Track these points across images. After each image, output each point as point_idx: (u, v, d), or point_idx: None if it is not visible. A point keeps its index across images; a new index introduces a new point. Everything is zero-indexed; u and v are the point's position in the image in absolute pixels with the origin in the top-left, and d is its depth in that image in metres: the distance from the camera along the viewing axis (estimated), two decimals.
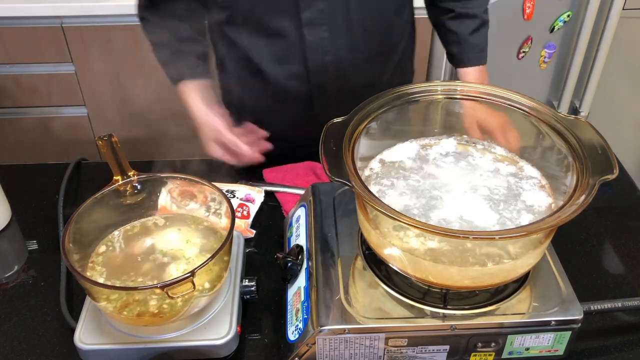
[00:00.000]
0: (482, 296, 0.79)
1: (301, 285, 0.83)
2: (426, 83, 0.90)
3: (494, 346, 0.79)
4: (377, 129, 0.86)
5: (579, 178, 0.74)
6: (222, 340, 0.81)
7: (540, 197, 0.82)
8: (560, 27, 1.93)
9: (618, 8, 1.85)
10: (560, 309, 0.77)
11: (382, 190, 0.83)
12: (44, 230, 1.07)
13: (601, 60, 1.96)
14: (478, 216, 0.78)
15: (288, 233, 0.98)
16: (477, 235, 0.71)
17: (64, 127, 2.05)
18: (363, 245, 0.85)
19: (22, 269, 0.99)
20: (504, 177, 0.86)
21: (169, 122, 2.07)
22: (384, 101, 0.86)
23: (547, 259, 0.85)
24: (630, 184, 1.17)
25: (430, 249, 0.75)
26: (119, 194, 0.92)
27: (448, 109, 0.93)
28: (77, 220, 0.85)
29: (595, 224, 1.08)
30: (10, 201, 1.09)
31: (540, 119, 0.84)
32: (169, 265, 0.86)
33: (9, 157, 2.09)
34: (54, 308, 0.91)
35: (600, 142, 0.77)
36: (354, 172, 0.73)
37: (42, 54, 1.88)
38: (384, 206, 0.69)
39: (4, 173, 1.17)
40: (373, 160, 0.89)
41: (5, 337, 0.87)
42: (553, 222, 0.67)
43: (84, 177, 1.18)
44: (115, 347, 0.80)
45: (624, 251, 1.02)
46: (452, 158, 0.90)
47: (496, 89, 0.88)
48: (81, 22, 1.83)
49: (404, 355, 0.79)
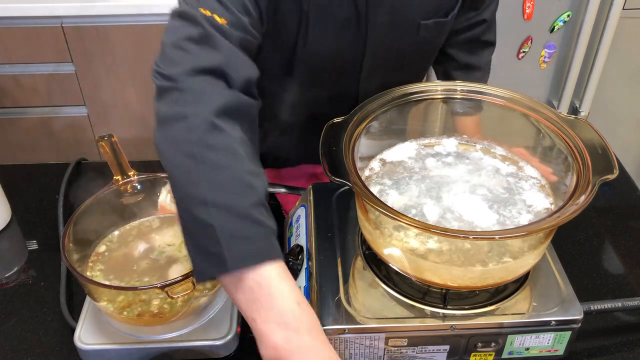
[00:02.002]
0: (482, 296, 0.79)
1: (301, 285, 0.83)
2: (426, 83, 0.90)
3: (494, 346, 0.79)
4: (377, 128, 0.86)
5: (579, 178, 0.74)
6: (222, 340, 0.81)
7: (540, 197, 0.82)
8: (560, 27, 1.93)
9: (618, 8, 1.85)
10: (560, 309, 0.77)
11: (383, 190, 0.83)
12: (44, 230, 1.07)
13: (601, 60, 1.96)
14: (478, 216, 0.78)
15: (288, 233, 0.98)
16: (477, 235, 0.71)
17: (64, 127, 2.05)
18: (363, 245, 0.85)
19: (22, 269, 0.99)
20: (504, 177, 0.86)
21: None
22: (384, 101, 0.86)
23: (547, 259, 0.85)
24: (630, 184, 1.17)
25: (430, 249, 0.75)
26: (119, 194, 0.92)
27: (448, 109, 0.93)
28: (77, 220, 0.85)
29: (595, 224, 1.08)
30: (10, 201, 1.09)
31: (540, 119, 0.84)
32: (169, 265, 0.86)
33: (9, 157, 2.09)
34: (54, 308, 0.91)
35: (600, 142, 0.77)
36: (354, 172, 0.73)
37: (42, 54, 1.88)
38: (384, 206, 0.69)
39: (4, 173, 1.17)
40: (373, 160, 0.89)
41: (5, 337, 0.87)
42: (553, 222, 0.67)
43: (84, 177, 1.18)
44: (115, 347, 0.80)
45: (624, 251, 1.02)
46: (452, 158, 0.90)
47: (496, 89, 0.88)
48: (81, 22, 1.83)
49: (404, 355, 0.79)
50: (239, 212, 0.66)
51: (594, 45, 1.95)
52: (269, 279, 0.66)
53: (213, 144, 0.68)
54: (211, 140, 0.68)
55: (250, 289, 0.66)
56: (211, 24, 0.74)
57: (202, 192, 0.66)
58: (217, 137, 0.68)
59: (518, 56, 1.98)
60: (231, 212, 0.66)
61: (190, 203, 0.66)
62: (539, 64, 2.01)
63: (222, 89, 0.72)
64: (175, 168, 0.68)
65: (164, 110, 0.71)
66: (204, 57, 0.73)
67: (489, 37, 1.15)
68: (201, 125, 0.68)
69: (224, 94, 0.72)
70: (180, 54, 0.73)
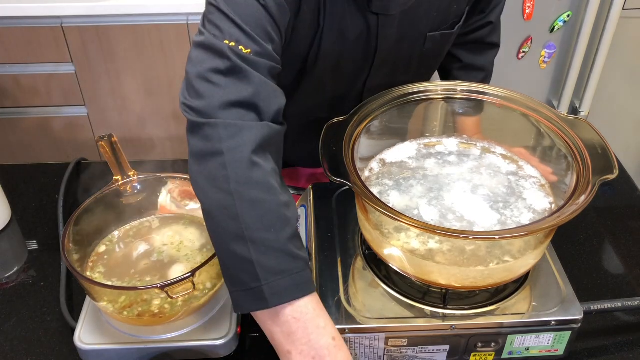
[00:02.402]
0: (482, 296, 0.79)
1: None
2: (426, 83, 0.90)
3: (494, 346, 0.79)
4: (377, 128, 0.86)
5: (579, 178, 0.74)
6: (222, 340, 0.81)
7: (540, 197, 0.82)
8: (560, 27, 1.93)
9: (618, 8, 1.85)
10: (560, 309, 0.77)
11: (383, 191, 0.83)
12: (44, 230, 1.07)
13: (601, 60, 1.96)
14: (478, 216, 0.78)
15: None
16: (477, 235, 0.71)
17: (64, 127, 2.05)
18: (363, 245, 0.85)
19: (22, 269, 0.99)
20: (505, 177, 0.86)
21: (169, 122, 2.08)
22: (384, 101, 0.86)
23: (547, 259, 0.85)
24: (630, 184, 1.17)
25: (430, 249, 0.75)
26: (119, 194, 0.92)
27: (448, 109, 0.93)
28: (77, 220, 0.85)
29: (595, 224, 1.08)
30: (10, 201, 1.09)
31: (540, 119, 0.84)
32: (169, 265, 0.86)
33: (9, 157, 2.09)
34: (54, 308, 0.91)
35: (600, 142, 0.77)
36: (354, 172, 0.73)
37: (42, 54, 1.88)
38: (384, 206, 0.69)
39: (4, 173, 1.17)
40: (373, 160, 0.89)
41: (5, 337, 0.87)
42: (553, 222, 0.67)
43: (84, 177, 1.18)
44: (115, 347, 0.80)
45: (624, 251, 1.02)
46: (452, 158, 0.90)
47: (496, 89, 0.88)
48: (81, 22, 1.83)
49: (404, 355, 0.79)
50: (276, 247, 0.68)
51: (594, 45, 1.95)
52: (306, 313, 0.68)
53: (250, 180, 0.69)
54: (248, 176, 0.69)
55: (287, 323, 0.68)
56: (237, 55, 0.73)
57: (240, 228, 0.67)
58: (254, 172, 0.70)
59: (518, 56, 1.98)
60: (269, 247, 0.68)
61: (228, 238, 0.68)
62: (539, 64, 2.01)
63: (255, 121, 0.72)
64: (212, 203, 0.70)
65: (199, 146, 0.71)
66: (234, 90, 0.72)
67: (494, 39, 1.15)
68: (238, 161, 0.69)
69: (257, 127, 0.72)
70: (208, 87, 0.72)
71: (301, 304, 0.68)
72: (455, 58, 1.16)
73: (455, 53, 1.16)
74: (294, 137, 1.11)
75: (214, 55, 0.73)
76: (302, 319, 0.68)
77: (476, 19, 1.10)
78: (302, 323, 0.67)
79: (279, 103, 0.76)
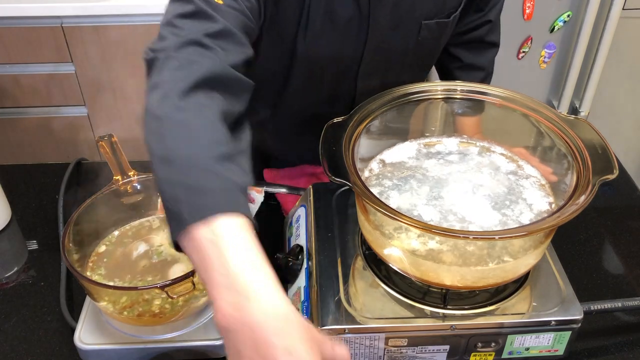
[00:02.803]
0: (482, 296, 0.79)
1: (301, 285, 0.83)
2: (426, 83, 0.90)
3: (494, 346, 0.79)
4: (377, 128, 0.86)
5: (579, 178, 0.74)
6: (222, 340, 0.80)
7: (540, 197, 0.82)
8: (560, 27, 1.93)
9: (618, 8, 1.85)
10: (560, 309, 0.77)
11: (383, 191, 0.83)
12: (44, 230, 1.07)
13: (601, 60, 1.96)
14: (479, 216, 0.78)
15: (288, 233, 0.98)
16: (477, 235, 0.71)
17: (64, 127, 2.05)
18: (363, 245, 0.85)
19: (22, 269, 0.99)
20: (505, 176, 0.86)
21: None
22: (384, 101, 0.86)
23: (547, 259, 0.85)
24: (630, 184, 1.17)
25: (431, 249, 0.75)
26: (119, 194, 0.92)
27: (448, 109, 0.93)
28: (77, 220, 0.85)
29: (595, 224, 1.08)
30: (10, 201, 1.09)
31: (540, 118, 0.84)
32: (169, 265, 0.86)
33: (9, 157, 2.09)
34: (54, 308, 0.91)
35: (600, 142, 0.77)
36: (354, 172, 0.73)
37: (42, 54, 1.88)
38: (384, 206, 0.68)
39: (4, 173, 1.17)
40: (373, 160, 0.89)
41: (5, 337, 0.87)
42: (553, 222, 0.67)
43: (84, 177, 1.18)
44: (115, 347, 0.80)
45: (624, 251, 1.02)
46: (452, 158, 0.90)
47: (496, 89, 0.88)
48: (81, 22, 1.83)
49: (404, 355, 0.79)
50: (200, 166, 0.60)
51: (594, 45, 1.95)
52: (221, 235, 0.56)
53: (179, 106, 0.63)
54: (179, 103, 0.64)
55: (201, 247, 0.56)
56: (206, 2, 0.72)
57: (165, 149, 0.61)
58: (189, 100, 0.64)
59: (518, 56, 1.98)
60: (192, 165, 0.60)
61: (157, 164, 0.61)
62: (539, 64, 2.01)
63: (210, 59, 0.68)
64: (146, 135, 0.64)
65: (149, 82, 0.68)
66: (194, 30, 0.70)
67: (493, 38, 1.15)
68: (175, 89, 0.64)
69: (209, 64, 0.68)
70: (171, 30, 0.71)
71: (218, 224, 0.56)
72: (455, 58, 1.16)
73: (455, 53, 1.15)
74: (293, 134, 1.11)
75: (182, 3, 0.73)
76: (216, 242, 0.55)
77: (475, 17, 1.10)
78: (216, 247, 0.55)
79: (244, 53, 0.73)
